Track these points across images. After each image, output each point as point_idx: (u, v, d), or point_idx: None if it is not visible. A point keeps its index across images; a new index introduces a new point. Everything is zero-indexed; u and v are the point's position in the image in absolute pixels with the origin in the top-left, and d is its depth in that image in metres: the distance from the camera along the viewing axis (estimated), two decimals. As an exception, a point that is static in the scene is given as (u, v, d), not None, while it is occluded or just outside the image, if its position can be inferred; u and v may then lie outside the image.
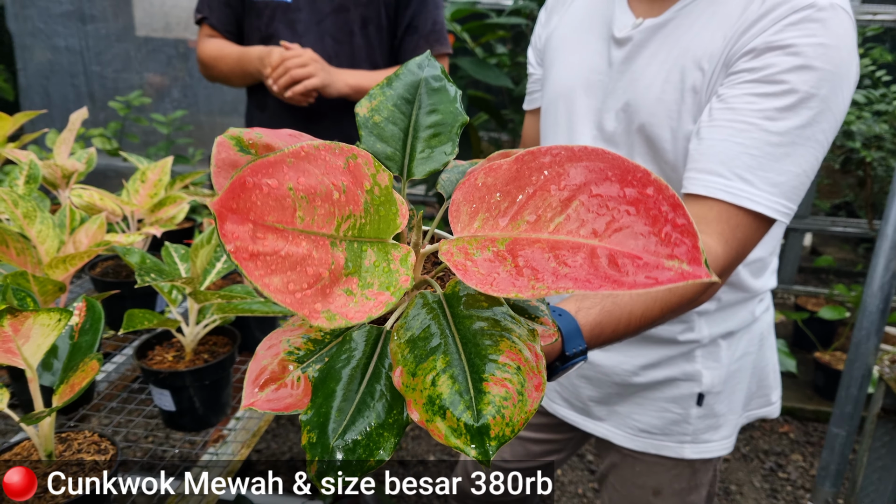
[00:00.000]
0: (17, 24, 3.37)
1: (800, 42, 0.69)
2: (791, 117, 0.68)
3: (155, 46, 3.22)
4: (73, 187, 1.06)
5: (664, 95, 0.79)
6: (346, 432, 0.34)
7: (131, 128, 3.17)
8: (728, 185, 0.69)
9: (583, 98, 0.88)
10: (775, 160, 0.69)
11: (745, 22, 0.73)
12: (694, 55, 0.77)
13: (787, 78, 0.68)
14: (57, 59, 3.35)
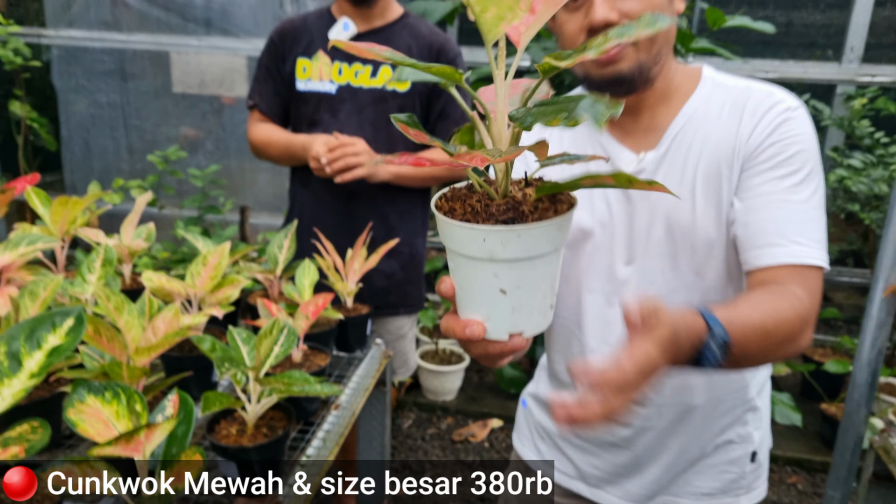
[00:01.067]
0: (62, 81, 3.59)
1: (791, 134, 0.86)
2: (806, 188, 0.85)
3: (191, 102, 3.42)
4: (144, 272, 1.22)
5: (700, 197, 0.90)
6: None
7: (167, 180, 3.36)
8: (788, 251, 0.83)
9: (604, 232, 0.95)
10: (809, 222, 0.84)
11: (744, 133, 0.88)
12: (707, 167, 0.89)
13: (792, 161, 0.85)
14: (98, 113, 3.56)
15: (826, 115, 2.86)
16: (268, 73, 1.69)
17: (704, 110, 0.91)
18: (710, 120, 0.90)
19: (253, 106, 1.70)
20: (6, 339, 0.80)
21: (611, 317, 0.97)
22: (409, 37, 1.61)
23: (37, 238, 1.26)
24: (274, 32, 1.70)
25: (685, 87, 0.94)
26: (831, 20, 4.45)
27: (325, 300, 1.22)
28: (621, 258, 0.95)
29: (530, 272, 0.56)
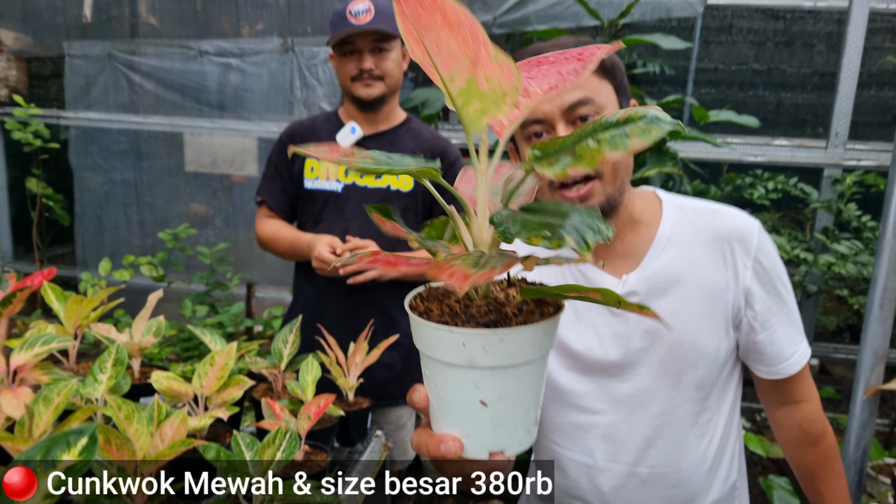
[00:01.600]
0: (79, 159, 3.74)
1: (773, 256, 1.00)
2: (791, 294, 1.03)
3: (202, 181, 3.55)
4: (154, 373, 1.27)
5: (697, 324, 0.96)
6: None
7: (176, 256, 3.45)
8: (799, 359, 1.02)
9: (607, 349, 0.99)
10: (799, 320, 1.03)
11: (740, 266, 0.98)
12: (704, 292, 0.97)
13: (782, 277, 1.01)
14: (112, 190, 3.69)
15: (814, 197, 2.96)
16: (277, 172, 1.78)
17: (682, 235, 0.99)
18: (695, 246, 0.98)
19: (261, 202, 1.79)
20: (23, 461, 0.85)
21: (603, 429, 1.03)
22: (412, 140, 1.71)
23: (52, 338, 1.32)
24: (284, 133, 1.80)
25: (648, 212, 1.01)
26: (819, 100, 4.62)
27: (327, 401, 1.26)
28: (616, 377, 0.99)
29: (515, 381, 0.51)
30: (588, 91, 0.91)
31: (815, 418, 1.06)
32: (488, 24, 3.36)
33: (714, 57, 4.69)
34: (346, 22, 1.63)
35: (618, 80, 0.94)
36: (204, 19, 3.65)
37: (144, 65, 3.64)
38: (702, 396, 1.00)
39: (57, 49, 3.75)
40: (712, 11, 4.56)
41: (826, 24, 4.54)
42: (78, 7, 3.66)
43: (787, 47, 4.59)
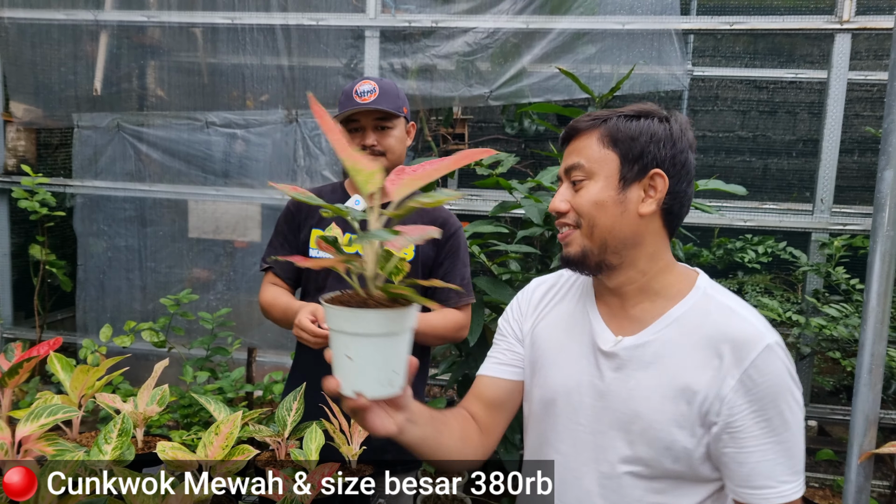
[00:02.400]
0: (83, 226, 3.82)
1: (768, 376, 0.95)
2: (785, 427, 0.96)
3: (205, 246, 3.62)
4: (159, 444, 1.29)
5: (664, 409, 0.98)
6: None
7: (177, 321, 3.48)
8: (777, 491, 0.96)
9: (579, 397, 1.06)
10: (791, 458, 0.96)
11: (727, 370, 0.95)
12: (683, 381, 0.97)
13: (777, 405, 0.95)
14: (115, 256, 3.75)
15: (803, 261, 3.03)
16: (284, 240, 1.84)
17: (690, 321, 1.00)
18: (696, 337, 0.99)
19: (267, 268, 1.84)
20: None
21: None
22: (415, 213, 1.78)
23: (59, 408, 1.34)
24: (291, 202, 1.87)
25: (675, 288, 1.04)
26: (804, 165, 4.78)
27: (330, 470, 1.28)
28: (585, 429, 1.06)
29: (367, 346, 0.82)
30: (583, 158, 1.03)
31: None
32: (485, 96, 3.51)
33: (701, 125, 4.87)
34: (352, 101, 1.71)
35: (626, 150, 1.01)
36: (211, 92, 3.80)
37: (152, 135, 3.76)
38: (653, 478, 1.01)
39: (66, 120, 3.89)
40: (698, 83, 4.77)
41: (807, 93, 4.74)
42: (88, 81, 3.82)
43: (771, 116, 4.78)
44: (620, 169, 1.01)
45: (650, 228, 1.03)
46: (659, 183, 1.01)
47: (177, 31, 3.72)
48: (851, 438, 1.50)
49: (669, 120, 1.03)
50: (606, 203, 1.00)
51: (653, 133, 1.01)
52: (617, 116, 1.03)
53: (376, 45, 3.50)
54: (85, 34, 3.78)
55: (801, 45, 4.54)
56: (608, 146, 1.01)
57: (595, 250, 1.02)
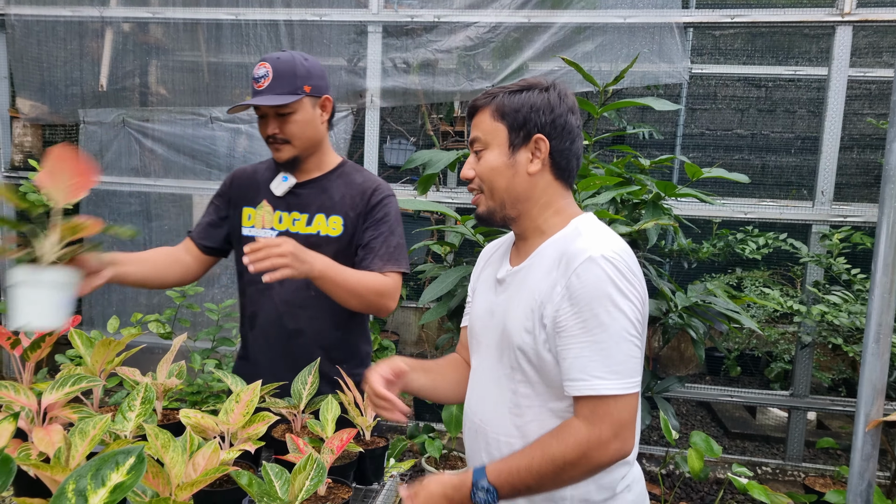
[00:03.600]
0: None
1: (587, 283, 1.09)
2: (601, 328, 1.09)
3: (209, 240, 3.64)
4: (182, 410, 1.32)
5: (519, 318, 1.18)
6: None
7: (182, 313, 3.50)
8: (587, 384, 1.09)
9: (483, 320, 1.29)
10: (608, 357, 1.08)
11: (555, 280, 1.13)
12: (532, 294, 1.16)
13: (594, 309, 1.09)
14: (121, 250, 3.76)
15: (804, 252, 3.07)
16: (210, 208, 1.87)
17: (553, 249, 1.18)
18: (550, 259, 1.17)
19: (189, 233, 1.89)
20: (75, 478, 0.90)
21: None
22: (343, 186, 1.75)
23: (82, 378, 1.37)
24: (226, 177, 1.88)
25: (558, 225, 1.22)
26: (803, 162, 4.83)
27: (349, 435, 1.31)
28: (483, 344, 1.29)
29: (32, 290, 1.21)
30: (480, 131, 1.23)
31: (568, 431, 1.08)
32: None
33: (700, 122, 4.92)
34: (252, 87, 1.67)
35: (511, 121, 1.19)
36: (214, 88, 3.83)
37: (157, 131, 3.80)
38: (519, 380, 1.19)
39: (72, 116, 3.92)
40: (697, 80, 4.82)
41: (806, 91, 4.80)
42: (94, 77, 3.85)
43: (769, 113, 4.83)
44: (509, 137, 1.20)
45: (541, 184, 1.22)
46: (542, 146, 1.19)
47: (181, 27, 3.76)
48: (859, 407, 1.53)
49: (549, 90, 1.21)
50: (500, 168, 1.21)
51: (532, 103, 1.19)
52: (504, 93, 1.21)
53: (379, 41, 3.54)
54: (90, 31, 3.81)
55: (799, 42, 4.59)
56: (498, 119, 1.21)
57: (497, 208, 1.23)
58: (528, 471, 1.09)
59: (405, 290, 3.94)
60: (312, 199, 1.76)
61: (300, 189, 1.77)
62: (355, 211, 1.74)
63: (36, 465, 1.08)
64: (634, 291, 1.11)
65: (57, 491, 0.86)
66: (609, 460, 1.08)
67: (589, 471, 1.10)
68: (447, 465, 3.12)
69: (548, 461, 1.08)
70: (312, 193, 1.77)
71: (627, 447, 1.09)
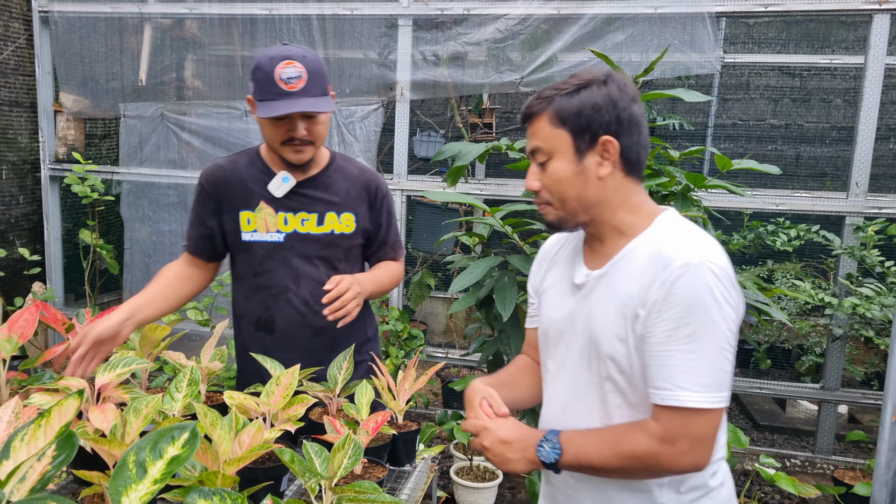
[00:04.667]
0: (129, 211, 3.97)
1: (688, 291, 1.03)
2: (692, 340, 1.05)
3: (244, 231, 3.75)
4: (226, 392, 1.39)
5: (608, 325, 1.12)
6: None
7: (219, 301, 3.61)
8: (672, 395, 1.05)
9: (560, 325, 1.23)
10: (695, 368, 1.03)
11: (649, 283, 1.07)
12: (622, 299, 1.10)
13: (692, 318, 1.03)
14: (160, 240, 3.90)
15: (837, 244, 3.04)
16: (197, 219, 1.76)
17: (641, 250, 1.12)
18: (639, 262, 1.11)
19: (185, 246, 1.80)
20: (135, 450, 0.97)
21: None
22: (343, 180, 1.74)
23: (132, 361, 1.45)
24: (204, 179, 1.74)
25: (640, 225, 1.16)
26: (838, 153, 4.75)
27: (384, 417, 1.37)
28: (563, 352, 1.24)
29: None
30: (540, 140, 1.14)
31: (644, 432, 1.06)
32: (516, 83, 3.57)
33: (732, 113, 4.87)
34: (276, 87, 1.53)
35: (574, 125, 1.11)
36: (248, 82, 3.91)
37: (193, 124, 3.90)
38: (609, 390, 1.14)
39: (113, 110, 4.05)
40: (729, 70, 4.77)
41: (842, 80, 4.71)
42: (133, 72, 3.97)
43: (804, 103, 4.75)
44: (574, 143, 1.12)
45: (612, 185, 1.15)
46: (610, 147, 1.11)
47: (216, 22, 3.85)
48: (886, 398, 1.54)
49: (607, 83, 1.12)
50: (569, 177, 1.13)
51: (593, 102, 1.10)
52: (560, 94, 1.12)
53: (409, 34, 3.59)
54: (130, 27, 3.93)
55: (835, 30, 4.51)
56: (558, 125, 1.12)
57: (567, 216, 1.17)
58: (596, 451, 1.08)
59: (434, 281, 4.00)
60: (318, 198, 1.71)
61: (301, 188, 1.70)
62: (363, 205, 1.75)
63: (95, 440, 1.16)
64: (732, 301, 1.05)
65: (119, 462, 0.94)
66: (679, 471, 1.06)
67: (654, 475, 1.09)
68: (476, 451, 3.18)
69: (617, 452, 1.07)
70: (316, 192, 1.71)
71: (703, 461, 1.06)
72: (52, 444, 0.92)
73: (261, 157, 1.74)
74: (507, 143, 2.79)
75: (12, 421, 1.09)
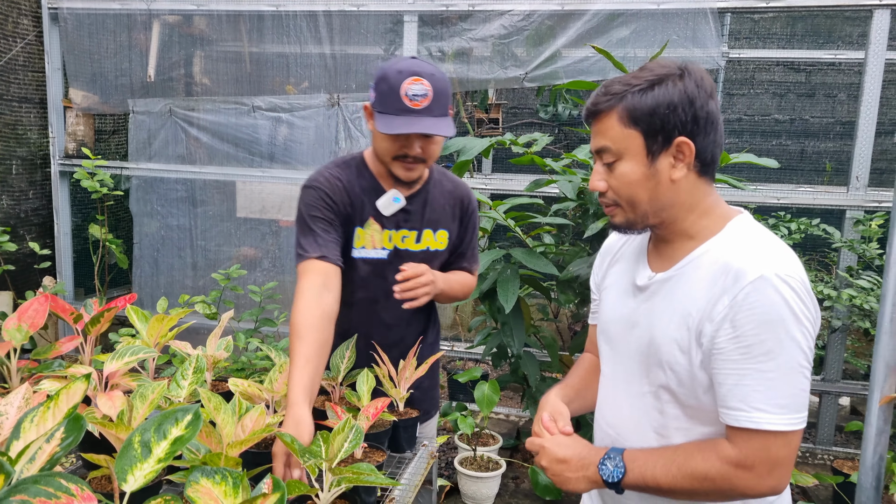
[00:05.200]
0: (138, 206, 4.03)
1: (755, 306, 0.97)
2: (769, 358, 0.98)
3: (252, 225, 3.80)
4: (231, 379, 1.43)
5: (670, 333, 1.06)
6: None
7: (226, 294, 3.67)
8: (745, 416, 0.99)
9: (620, 327, 1.18)
10: (770, 389, 0.97)
11: (716, 297, 1.01)
12: (687, 308, 1.05)
13: (760, 336, 0.97)
14: (168, 235, 3.96)
15: (837, 237, 3.05)
16: (329, 225, 1.60)
17: (710, 256, 1.06)
18: (711, 269, 1.04)
19: (320, 257, 1.55)
20: (140, 431, 1.01)
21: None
22: (440, 196, 1.74)
23: (139, 349, 1.50)
24: (324, 188, 1.62)
25: (710, 229, 1.09)
26: (842, 147, 4.74)
27: (383, 404, 1.41)
28: (621, 355, 1.20)
29: None
30: (608, 140, 1.07)
31: (716, 453, 1.01)
32: (520, 78, 3.60)
33: (737, 108, 4.87)
34: (400, 102, 1.49)
35: (647, 126, 1.04)
36: (256, 78, 3.97)
37: (202, 119, 3.95)
38: (667, 401, 1.09)
39: (122, 106, 4.10)
40: (734, 65, 4.77)
41: (847, 75, 4.70)
42: (142, 68, 4.02)
43: (808, 98, 4.75)
44: (646, 145, 1.04)
45: (686, 187, 1.07)
46: (686, 149, 1.04)
47: (224, 18, 3.89)
48: (872, 384, 1.57)
49: (683, 78, 1.04)
50: (640, 180, 1.06)
51: (669, 101, 1.02)
52: (632, 91, 1.04)
53: (414, 30, 3.62)
54: (138, 23, 3.98)
55: (840, 25, 4.50)
56: (629, 125, 1.04)
57: (637, 219, 1.10)
58: (663, 472, 1.03)
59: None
60: (419, 215, 1.70)
61: (406, 205, 1.68)
62: (455, 222, 1.76)
63: (102, 424, 1.20)
64: (810, 316, 0.98)
65: (125, 442, 0.98)
66: (756, 495, 1.01)
67: (728, 499, 1.03)
68: (479, 441, 3.22)
69: (687, 473, 1.01)
70: (417, 209, 1.70)
71: (782, 485, 1.00)
72: (60, 426, 0.96)
73: (367, 168, 1.67)
74: (511, 139, 2.82)
75: (22, 406, 1.13)
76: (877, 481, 1.56)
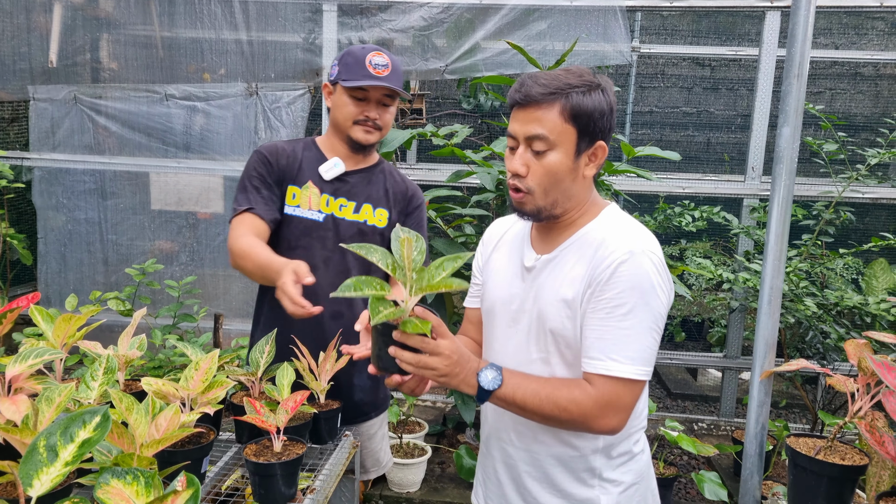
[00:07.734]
0: (42, 199, 3.82)
1: (623, 274, 1.14)
2: (628, 317, 1.15)
3: (168, 218, 3.68)
4: (144, 378, 1.41)
5: (556, 303, 1.22)
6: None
7: (142, 290, 3.54)
8: (602, 364, 1.16)
9: (508, 305, 1.31)
10: (625, 342, 1.14)
11: (592, 265, 1.18)
12: (568, 280, 1.21)
13: (623, 299, 1.14)
14: (76, 229, 3.77)
15: (735, 224, 3.27)
16: (262, 183, 1.75)
17: (590, 237, 1.23)
18: (584, 248, 1.22)
19: (247, 209, 1.71)
20: (45, 435, 1.00)
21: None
22: (385, 182, 1.85)
23: (44, 351, 1.44)
24: (266, 151, 1.78)
25: (587, 217, 1.26)
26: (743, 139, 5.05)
27: (302, 397, 1.42)
28: (510, 329, 1.32)
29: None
30: (546, 129, 1.16)
31: (578, 391, 1.15)
32: (441, 70, 3.63)
33: (648, 101, 5.09)
34: (365, 70, 1.68)
35: (584, 126, 1.16)
36: (169, 65, 3.82)
37: (110, 108, 3.78)
38: (556, 363, 1.23)
39: (21, 93, 3.86)
40: (646, 59, 4.98)
41: (747, 70, 5.00)
42: (43, 53, 3.80)
43: (713, 92, 5.03)
44: (577, 143, 1.17)
45: (587, 184, 1.25)
46: (600, 152, 1.21)
47: (132, 1, 3.73)
48: (754, 361, 1.72)
49: (606, 89, 1.19)
50: (564, 172, 1.18)
51: (602, 109, 1.16)
52: (575, 91, 1.15)
53: (334, 19, 3.58)
54: (38, 4, 3.75)
55: (741, 23, 4.78)
56: (569, 121, 1.16)
57: (547, 207, 1.22)
58: (533, 395, 1.15)
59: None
60: (360, 189, 1.82)
61: (348, 177, 1.81)
62: (397, 209, 1.85)
63: (6, 430, 1.16)
64: (665, 288, 1.16)
65: (30, 446, 0.96)
66: (598, 431, 1.17)
67: (574, 430, 1.20)
68: (406, 429, 3.27)
69: (553, 400, 1.14)
70: (360, 183, 1.82)
71: (619, 426, 1.16)
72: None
73: (316, 145, 1.84)
74: (432, 130, 2.85)
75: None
76: (760, 448, 1.71)
